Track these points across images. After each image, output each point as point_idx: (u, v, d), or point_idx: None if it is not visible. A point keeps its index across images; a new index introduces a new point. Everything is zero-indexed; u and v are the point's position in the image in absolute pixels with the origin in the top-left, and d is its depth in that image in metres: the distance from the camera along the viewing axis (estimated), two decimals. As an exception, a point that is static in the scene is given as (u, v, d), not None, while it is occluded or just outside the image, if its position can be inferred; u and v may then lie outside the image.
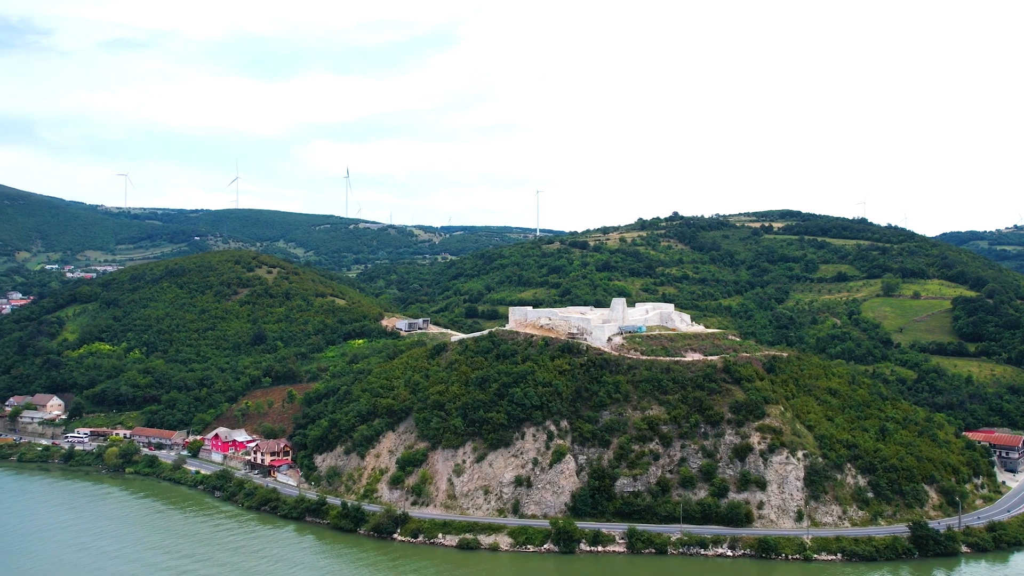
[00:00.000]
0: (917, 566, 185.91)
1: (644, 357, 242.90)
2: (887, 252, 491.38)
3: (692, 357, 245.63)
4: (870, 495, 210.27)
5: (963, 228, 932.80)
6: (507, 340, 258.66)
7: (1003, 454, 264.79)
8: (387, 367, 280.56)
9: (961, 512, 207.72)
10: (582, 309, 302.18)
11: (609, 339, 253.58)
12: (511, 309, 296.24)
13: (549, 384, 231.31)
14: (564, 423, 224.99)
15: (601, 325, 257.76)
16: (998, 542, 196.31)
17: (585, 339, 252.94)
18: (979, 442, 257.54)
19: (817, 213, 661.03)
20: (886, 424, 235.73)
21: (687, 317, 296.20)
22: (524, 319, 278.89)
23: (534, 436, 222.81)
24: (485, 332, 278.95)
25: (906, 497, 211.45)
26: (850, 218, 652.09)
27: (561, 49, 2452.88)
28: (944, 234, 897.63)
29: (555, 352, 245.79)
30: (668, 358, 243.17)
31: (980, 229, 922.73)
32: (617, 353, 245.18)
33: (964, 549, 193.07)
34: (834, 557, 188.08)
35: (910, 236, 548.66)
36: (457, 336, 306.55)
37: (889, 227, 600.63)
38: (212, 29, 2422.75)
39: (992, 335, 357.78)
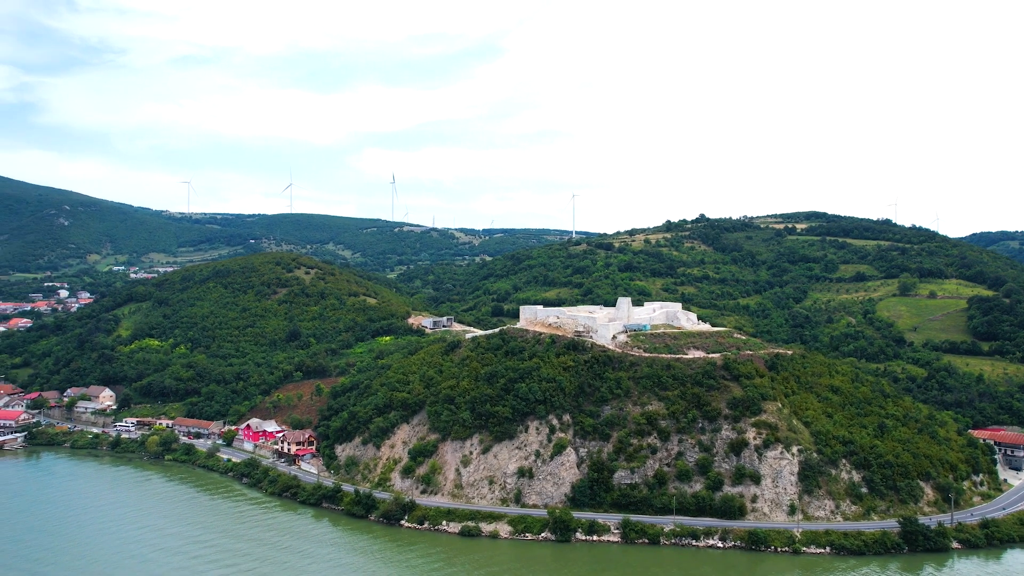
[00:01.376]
0: (906, 561, 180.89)
1: (646, 354, 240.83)
2: (906, 252, 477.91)
3: (694, 354, 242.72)
4: (864, 490, 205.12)
5: (994, 228, 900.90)
6: (516, 337, 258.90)
7: (1008, 452, 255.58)
8: (405, 363, 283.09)
9: (953, 508, 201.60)
10: (591, 308, 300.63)
11: (614, 337, 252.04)
12: (522, 308, 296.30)
13: (553, 380, 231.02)
14: (566, 417, 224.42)
15: (606, 323, 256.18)
16: (990, 539, 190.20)
17: (591, 337, 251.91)
18: (983, 440, 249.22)
19: (844, 215, 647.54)
20: (885, 421, 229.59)
21: (693, 316, 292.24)
22: (534, 317, 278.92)
23: (537, 429, 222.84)
24: (496, 330, 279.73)
25: (900, 493, 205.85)
26: (874, 219, 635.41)
27: (601, 58, 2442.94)
28: (974, 234, 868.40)
29: (560, 349, 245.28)
30: (670, 355, 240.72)
31: (1011, 229, 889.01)
32: (620, 350, 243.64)
33: (955, 545, 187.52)
34: (823, 550, 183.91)
35: (931, 237, 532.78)
36: (472, 333, 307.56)
37: (912, 228, 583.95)
38: (272, 45, 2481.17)
39: (1007, 334, 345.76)
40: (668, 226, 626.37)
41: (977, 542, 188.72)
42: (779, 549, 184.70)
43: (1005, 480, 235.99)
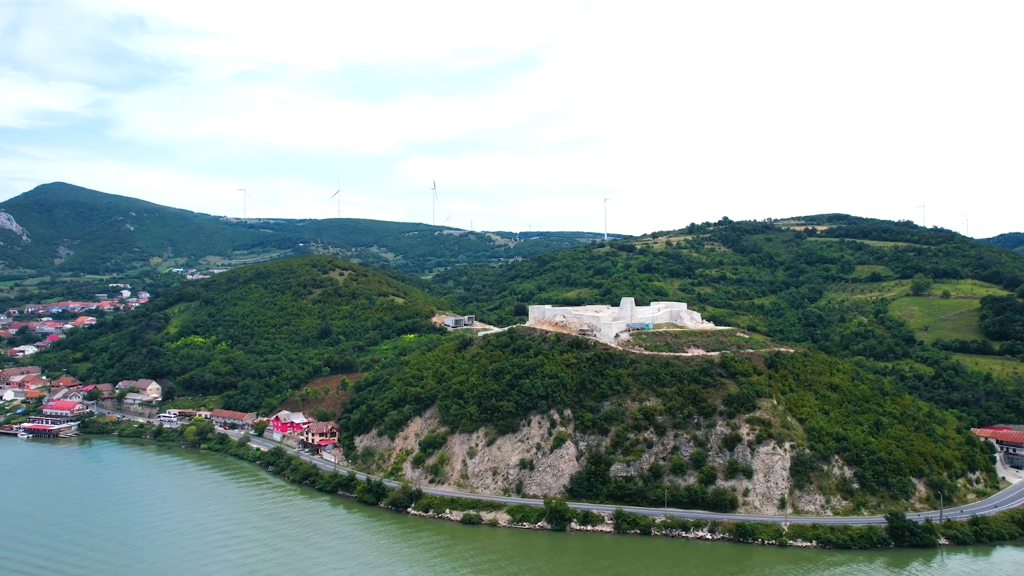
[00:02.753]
0: (893, 556, 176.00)
1: (647, 352, 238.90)
2: (923, 253, 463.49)
3: (693, 352, 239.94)
4: (855, 486, 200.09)
5: (1023, 229, 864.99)
6: (524, 336, 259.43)
7: (1010, 451, 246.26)
8: (422, 359, 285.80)
9: (943, 505, 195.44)
10: (597, 308, 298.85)
11: (616, 335, 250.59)
12: (531, 307, 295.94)
13: (555, 376, 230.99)
14: (567, 412, 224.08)
15: (610, 322, 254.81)
16: (979, 536, 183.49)
17: (594, 335, 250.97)
18: (984, 438, 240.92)
19: (867, 217, 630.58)
20: (881, 418, 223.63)
21: (697, 315, 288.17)
22: (542, 316, 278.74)
23: (539, 423, 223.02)
24: (505, 328, 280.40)
25: (891, 489, 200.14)
26: (895, 221, 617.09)
27: (634, 69, 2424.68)
28: (1001, 235, 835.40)
29: (564, 347, 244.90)
30: (669, 353, 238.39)
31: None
32: (622, 348, 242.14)
33: (942, 541, 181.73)
34: (809, 544, 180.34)
35: (949, 238, 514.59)
36: (485, 331, 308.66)
37: (933, 229, 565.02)
38: (325, 60, 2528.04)
39: (1018, 333, 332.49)
40: (691, 228, 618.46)
41: (965, 539, 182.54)
42: (766, 542, 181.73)
43: (1003, 478, 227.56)
